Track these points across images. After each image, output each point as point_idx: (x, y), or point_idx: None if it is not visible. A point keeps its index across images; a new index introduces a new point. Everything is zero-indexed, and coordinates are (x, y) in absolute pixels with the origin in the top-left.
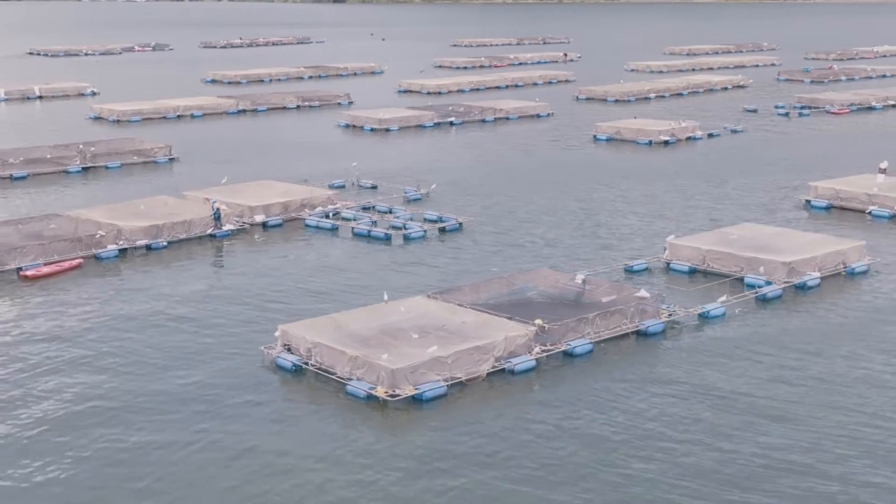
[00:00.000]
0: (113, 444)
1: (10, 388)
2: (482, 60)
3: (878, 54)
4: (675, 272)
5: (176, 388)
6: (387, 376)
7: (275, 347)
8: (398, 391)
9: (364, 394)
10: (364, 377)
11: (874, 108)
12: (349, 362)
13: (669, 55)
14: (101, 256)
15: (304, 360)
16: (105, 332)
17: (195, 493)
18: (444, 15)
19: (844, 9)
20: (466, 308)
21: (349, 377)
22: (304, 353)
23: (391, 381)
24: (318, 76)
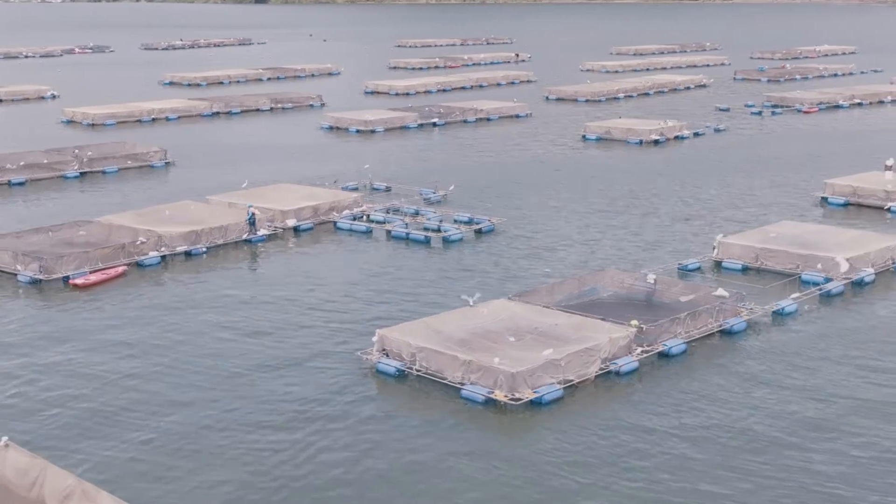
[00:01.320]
0: (246, 453)
1: (112, 403)
2: (437, 61)
3: (820, 53)
4: (727, 270)
5: (280, 398)
6: (506, 380)
7: (371, 352)
8: (518, 395)
9: (482, 398)
10: (479, 381)
11: (841, 107)
12: (461, 366)
13: (617, 55)
14: (144, 263)
15: (408, 365)
16: (186, 339)
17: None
18: (369, 16)
19: (768, 9)
20: (552, 309)
21: (461, 381)
22: (406, 358)
23: (510, 385)
24: (276, 78)
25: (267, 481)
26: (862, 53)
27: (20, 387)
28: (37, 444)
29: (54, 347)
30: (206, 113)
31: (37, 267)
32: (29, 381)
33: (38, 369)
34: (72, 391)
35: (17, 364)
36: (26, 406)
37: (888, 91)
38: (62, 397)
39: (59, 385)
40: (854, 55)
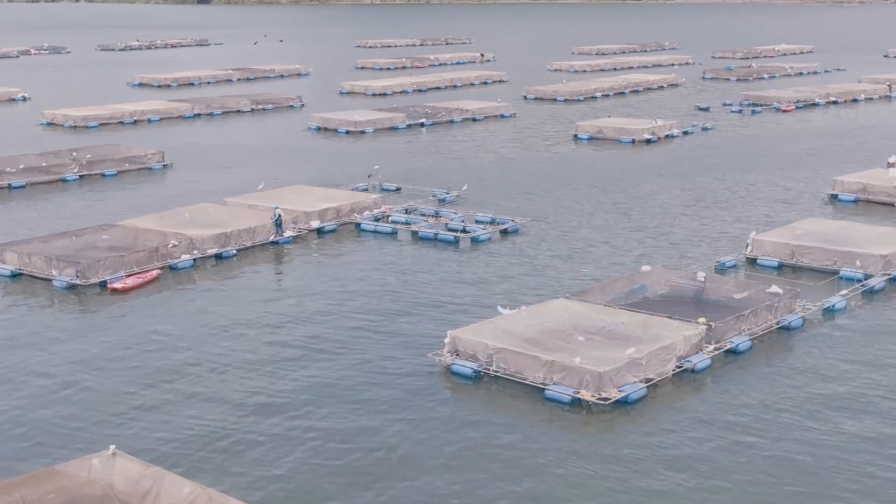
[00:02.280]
0: (340, 455)
1: (196, 406)
2: (404, 62)
3: (779, 52)
4: (762, 267)
5: (361, 401)
6: (592, 380)
7: (442, 354)
8: (604, 394)
9: (568, 398)
10: (563, 381)
11: (817, 105)
12: (543, 367)
13: (579, 55)
14: (178, 267)
15: (485, 366)
16: (253, 345)
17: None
18: (315, 16)
19: (711, 9)
20: (613, 308)
21: (544, 382)
22: (483, 359)
23: (597, 385)
24: (246, 78)
25: (367, 482)
26: (819, 52)
27: (103, 395)
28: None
29: (117, 353)
30: (187, 115)
31: (73, 272)
32: (102, 388)
33: (102, 374)
34: (156, 398)
35: (85, 370)
36: (134, 416)
37: (861, 90)
38: (150, 405)
39: (141, 392)
40: (812, 54)
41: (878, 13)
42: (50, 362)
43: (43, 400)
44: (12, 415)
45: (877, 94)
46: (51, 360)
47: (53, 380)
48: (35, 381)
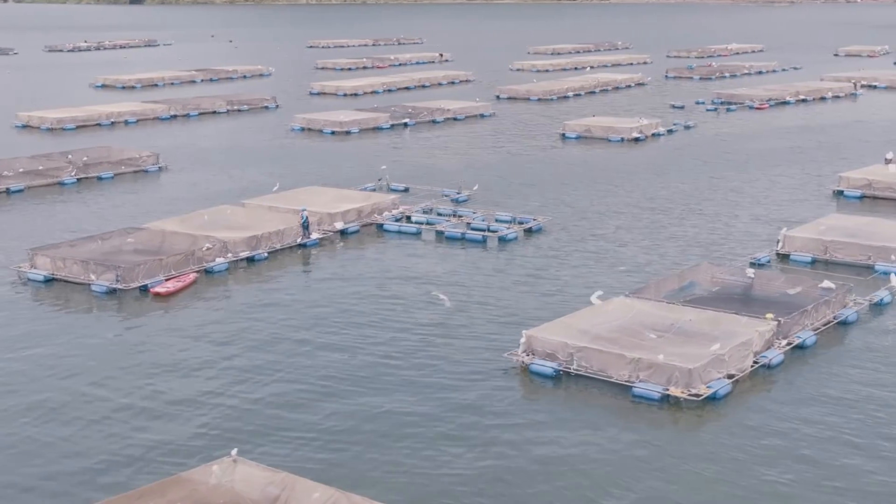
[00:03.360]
0: (429, 457)
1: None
2: (364, 62)
3: (731, 52)
4: (795, 263)
5: (442, 402)
6: (682, 376)
7: (518, 353)
8: (694, 391)
9: (658, 395)
10: (650, 378)
11: (788, 103)
12: (629, 364)
13: (535, 55)
14: (213, 270)
15: (565, 365)
16: (314, 349)
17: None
18: (252, 16)
19: (645, 9)
20: (676, 305)
21: (629, 379)
22: (562, 358)
23: (686, 381)
24: (209, 79)
25: (454, 484)
26: (769, 51)
27: (202, 401)
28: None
29: (194, 358)
30: (163, 116)
31: (113, 276)
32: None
33: (190, 380)
34: (251, 399)
35: (169, 377)
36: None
37: (828, 88)
38: (246, 408)
39: (238, 394)
40: (762, 53)
41: (808, 13)
42: (130, 371)
43: (145, 410)
44: (115, 427)
45: (843, 91)
46: (131, 368)
47: (139, 386)
48: (119, 388)
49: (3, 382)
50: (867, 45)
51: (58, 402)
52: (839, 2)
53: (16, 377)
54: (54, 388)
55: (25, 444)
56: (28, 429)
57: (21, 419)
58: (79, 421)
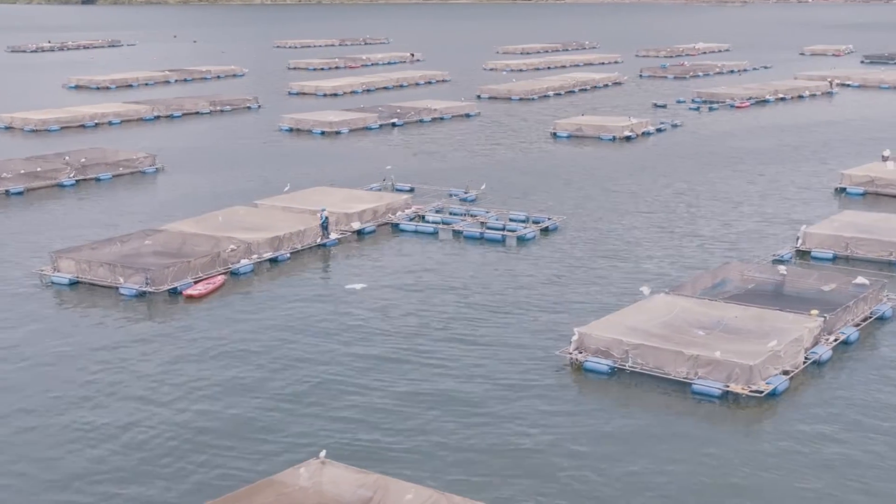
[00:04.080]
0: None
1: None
2: (337, 62)
3: (699, 51)
4: (816, 259)
5: (502, 406)
6: (742, 373)
7: (570, 351)
8: (755, 387)
9: (719, 392)
10: (709, 375)
11: (767, 101)
12: (687, 361)
13: (504, 54)
14: (240, 272)
15: (620, 362)
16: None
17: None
18: (208, 16)
19: (600, 9)
20: (718, 302)
21: (687, 376)
22: (617, 355)
23: (747, 378)
24: (183, 80)
25: (534, 486)
26: (735, 50)
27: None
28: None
29: (255, 367)
30: (147, 117)
31: (141, 279)
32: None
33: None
34: (318, 398)
35: (234, 377)
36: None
37: (805, 86)
38: (318, 407)
39: (314, 395)
40: (729, 52)
41: (761, 13)
42: (190, 375)
43: (220, 413)
44: (197, 434)
45: (819, 90)
46: (190, 372)
47: (203, 389)
48: (185, 392)
49: (64, 392)
50: (831, 44)
51: (132, 410)
52: (791, 1)
53: (69, 384)
54: (117, 394)
55: (112, 459)
56: (104, 443)
57: (92, 434)
58: (161, 426)
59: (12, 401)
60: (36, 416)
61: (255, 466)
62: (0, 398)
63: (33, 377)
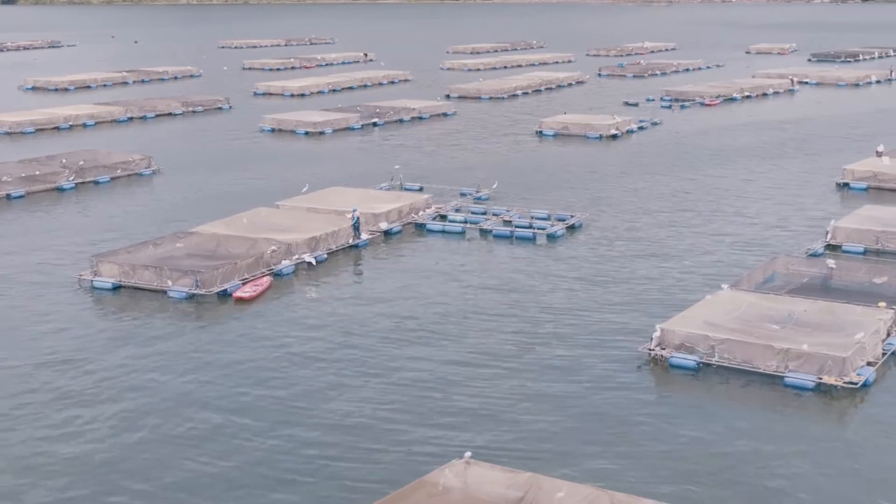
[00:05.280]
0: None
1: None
2: (292, 62)
3: (647, 50)
4: (848, 253)
5: (591, 405)
6: (835, 365)
7: (651, 347)
8: (848, 379)
9: (812, 384)
10: (800, 368)
11: (734, 99)
12: (777, 355)
13: (454, 54)
14: (282, 273)
15: (706, 358)
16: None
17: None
18: (130, 16)
19: (531, 9)
20: (783, 296)
21: (777, 369)
22: (703, 350)
23: (840, 370)
24: (140, 80)
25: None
26: (682, 49)
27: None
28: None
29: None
30: (121, 118)
31: (191, 282)
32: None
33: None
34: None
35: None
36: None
37: (768, 84)
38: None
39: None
40: (675, 51)
41: (687, 13)
42: (288, 379)
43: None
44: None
45: (782, 88)
46: (290, 377)
47: (311, 391)
48: (307, 395)
49: (162, 403)
50: (775, 43)
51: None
52: (715, 1)
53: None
54: (223, 395)
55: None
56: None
57: (207, 443)
58: (296, 430)
59: (126, 412)
60: (174, 421)
61: (389, 470)
62: (104, 410)
63: (137, 386)
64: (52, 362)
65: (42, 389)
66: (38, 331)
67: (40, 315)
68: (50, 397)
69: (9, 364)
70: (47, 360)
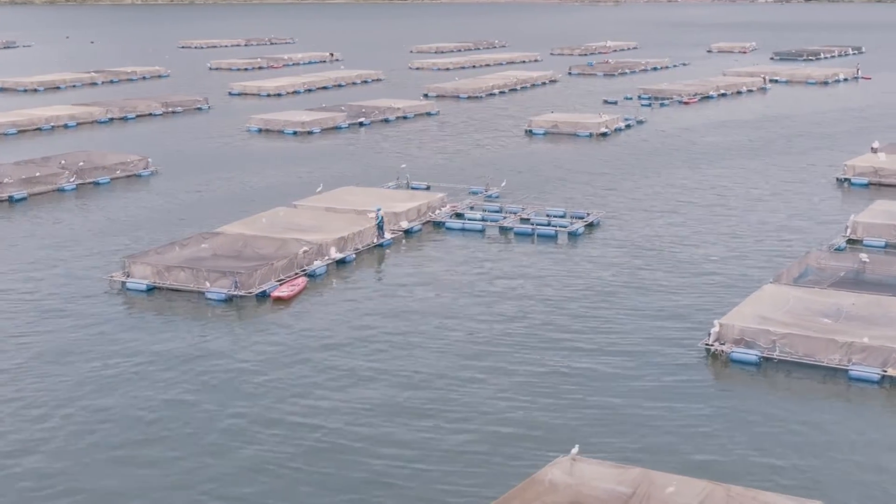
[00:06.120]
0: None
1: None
2: (259, 62)
3: (610, 49)
4: (869, 247)
5: (659, 402)
6: None
7: (710, 343)
8: None
9: (878, 377)
10: (863, 361)
11: (711, 97)
12: (841, 348)
13: (418, 53)
14: (316, 273)
15: (766, 352)
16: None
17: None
18: (78, 16)
19: (481, 8)
20: (829, 290)
21: (840, 363)
22: (764, 345)
23: None
24: (109, 81)
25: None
26: (643, 48)
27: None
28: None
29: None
30: (102, 119)
31: (229, 283)
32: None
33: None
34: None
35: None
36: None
37: (743, 82)
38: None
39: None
40: (637, 50)
41: (634, 12)
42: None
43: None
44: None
45: (755, 86)
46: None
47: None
48: (394, 394)
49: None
50: (735, 41)
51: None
52: (661, 1)
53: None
54: (308, 396)
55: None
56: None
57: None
58: (400, 433)
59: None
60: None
61: (493, 470)
62: (180, 414)
63: (219, 386)
64: (101, 369)
65: (123, 395)
66: (81, 337)
67: (78, 319)
68: (130, 401)
69: (64, 371)
70: (99, 367)
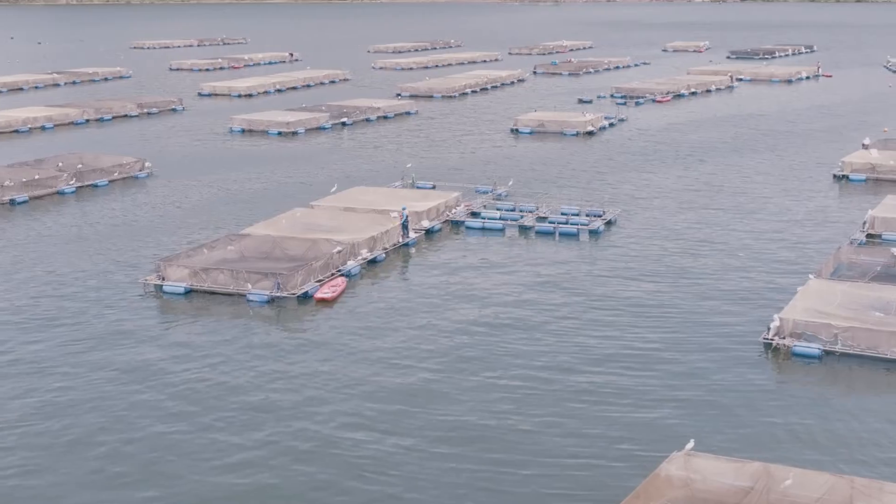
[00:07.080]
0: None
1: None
2: (220, 62)
3: (566, 48)
4: (889, 241)
5: (727, 400)
6: None
7: (771, 337)
8: None
9: None
10: None
11: (682, 96)
12: None
13: (375, 53)
14: (351, 273)
15: (828, 346)
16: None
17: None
18: (16, 17)
19: (427, 8)
20: (874, 284)
21: None
22: (826, 338)
23: None
24: (71, 82)
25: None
26: (598, 48)
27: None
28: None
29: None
30: (78, 120)
31: (271, 284)
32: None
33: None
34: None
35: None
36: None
37: (712, 81)
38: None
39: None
40: (593, 49)
41: (574, 12)
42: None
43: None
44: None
45: (723, 84)
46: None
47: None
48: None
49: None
50: (690, 41)
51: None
52: (600, 2)
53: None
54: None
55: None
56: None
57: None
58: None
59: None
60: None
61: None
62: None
63: (278, 391)
64: (151, 374)
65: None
66: (122, 341)
67: (117, 324)
68: (194, 409)
69: (115, 376)
70: (147, 374)
